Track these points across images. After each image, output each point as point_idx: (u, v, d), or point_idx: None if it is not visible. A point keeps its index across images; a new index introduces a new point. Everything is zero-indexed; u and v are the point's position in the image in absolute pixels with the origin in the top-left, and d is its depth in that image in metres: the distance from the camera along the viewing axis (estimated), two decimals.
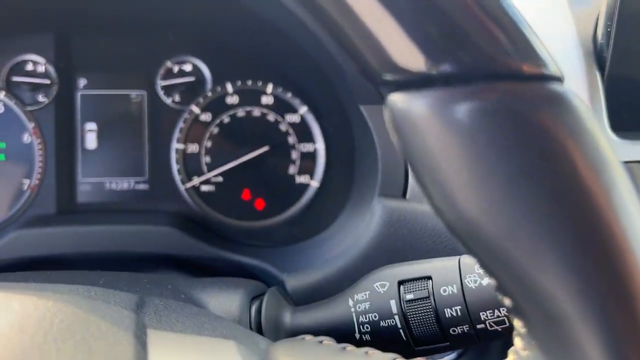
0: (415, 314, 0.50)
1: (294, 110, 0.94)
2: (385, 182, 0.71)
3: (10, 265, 0.79)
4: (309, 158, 0.94)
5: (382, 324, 0.51)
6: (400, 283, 0.50)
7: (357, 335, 0.52)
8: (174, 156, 0.92)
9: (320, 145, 0.93)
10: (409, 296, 0.50)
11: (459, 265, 0.49)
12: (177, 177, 0.92)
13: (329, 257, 0.73)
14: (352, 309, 0.53)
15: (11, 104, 0.88)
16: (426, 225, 0.67)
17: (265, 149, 0.92)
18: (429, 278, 0.49)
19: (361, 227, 0.72)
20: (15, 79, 0.87)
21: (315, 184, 0.93)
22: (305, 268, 0.73)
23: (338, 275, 0.70)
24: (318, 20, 0.29)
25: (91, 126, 0.92)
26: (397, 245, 0.68)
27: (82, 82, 0.92)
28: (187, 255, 0.82)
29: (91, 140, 0.92)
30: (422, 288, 0.50)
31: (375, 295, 0.52)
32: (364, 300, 0.51)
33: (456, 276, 0.48)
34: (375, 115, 0.69)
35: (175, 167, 0.92)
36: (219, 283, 0.58)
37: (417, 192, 0.69)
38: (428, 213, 0.67)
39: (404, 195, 0.70)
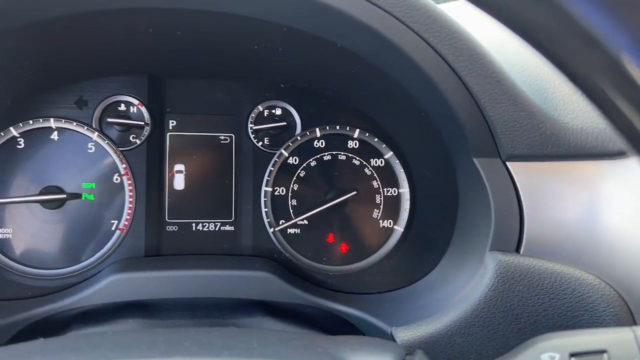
0: None
1: (379, 155, 0.94)
2: (498, 236, 0.71)
3: (108, 309, 0.78)
4: (393, 202, 0.94)
5: None
6: (572, 355, 0.49)
7: None
8: (262, 199, 0.92)
9: (404, 190, 0.94)
10: None
11: (636, 338, 0.48)
12: (265, 220, 0.92)
13: (437, 309, 0.72)
14: None
15: (103, 144, 0.88)
16: (544, 283, 0.67)
17: (353, 193, 0.92)
18: (604, 352, 0.48)
19: (471, 279, 0.72)
20: (110, 120, 0.88)
21: (399, 228, 0.94)
22: (412, 320, 0.72)
23: (451, 329, 0.69)
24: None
25: (179, 167, 0.92)
26: (512, 300, 0.68)
27: (171, 123, 0.92)
28: (283, 302, 0.81)
29: (179, 182, 0.92)
30: None
31: None
32: None
33: (635, 350, 0.47)
34: (490, 169, 0.70)
35: (264, 209, 0.92)
36: (362, 343, 0.58)
37: (532, 247, 0.69)
38: (545, 269, 0.67)
39: (517, 250, 0.70)
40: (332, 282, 0.89)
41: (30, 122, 0.86)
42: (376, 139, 0.94)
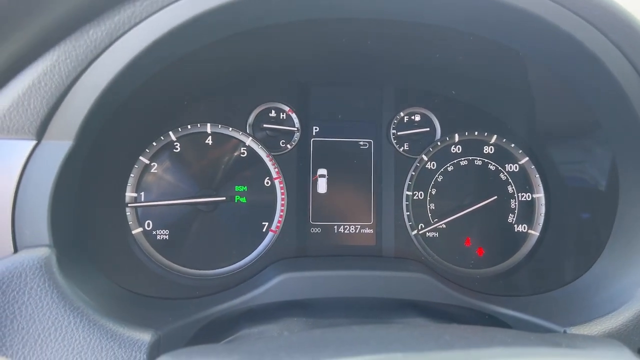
0: None
1: (514, 161, 0.97)
2: None
3: (270, 308, 0.81)
4: (528, 207, 0.96)
5: None
6: None
7: None
8: (404, 203, 0.94)
9: (540, 195, 0.96)
10: None
11: None
12: (407, 223, 0.94)
13: (609, 308, 0.74)
14: None
15: (257, 148, 0.91)
16: None
17: (494, 198, 0.94)
18: None
19: (637, 279, 0.74)
20: (265, 125, 0.91)
21: (534, 232, 0.96)
22: (584, 320, 0.74)
23: (628, 327, 0.71)
24: None
25: (322, 172, 0.95)
26: None
27: (315, 129, 0.95)
28: (439, 302, 0.83)
29: (322, 186, 0.95)
30: None
31: None
32: None
33: None
34: None
35: (405, 213, 0.94)
36: (588, 340, 0.59)
37: None
38: None
39: None
40: (480, 285, 0.91)
41: (188, 127, 0.89)
42: (512, 145, 0.96)
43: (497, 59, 0.82)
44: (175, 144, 0.89)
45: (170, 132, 0.89)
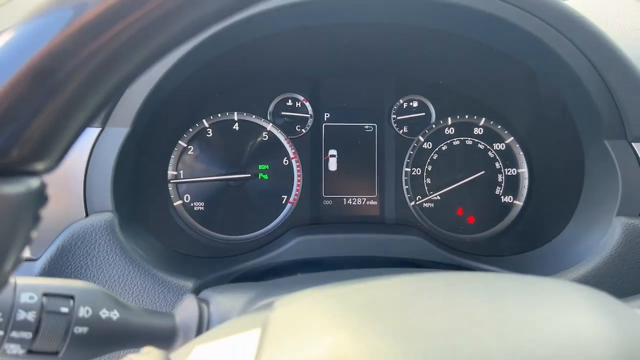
0: None
1: (501, 140, 1.11)
2: (624, 204, 0.86)
3: (290, 265, 0.97)
4: (513, 181, 1.10)
5: None
6: None
7: None
8: (404, 178, 1.09)
9: (524, 170, 1.10)
10: None
11: None
12: (406, 195, 1.09)
13: (571, 264, 0.88)
14: None
15: (277, 133, 1.07)
16: None
17: (481, 173, 1.09)
18: None
19: (598, 240, 0.88)
20: (284, 113, 1.07)
21: (519, 203, 1.10)
22: (555, 272, 0.88)
23: (586, 279, 0.85)
24: None
25: (333, 152, 1.10)
26: (636, 257, 0.84)
27: (326, 115, 1.11)
28: (432, 261, 0.98)
29: (332, 164, 1.10)
30: None
31: None
32: None
33: None
34: (618, 149, 0.85)
35: (405, 186, 1.09)
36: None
37: None
38: None
39: None
40: (469, 247, 1.05)
41: (219, 115, 1.06)
42: (499, 126, 1.10)
43: (479, 54, 0.97)
44: (207, 130, 1.06)
45: (204, 120, 1.05)
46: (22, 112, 0.32)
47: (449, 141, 1.11)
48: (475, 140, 1.11)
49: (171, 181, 1.04)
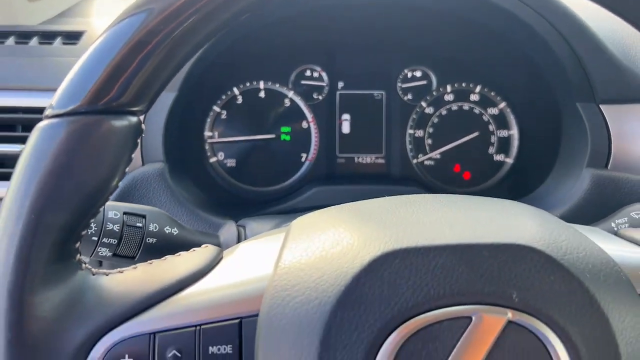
0: None
1: (494, 105, 1.26)
2: (592, 158, 1.01)
3: (312, 210, 1.15)
4: (505, 142, 1.26)
5: None
6: None
7: None
8: (407, 139, 1.26)
9: (514, 132, 1.25)
10: None
11: None
12: (410, 154, 1.26)
13: (549, 209, 1.04)
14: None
15: (297, 99, 1.24)
16: (624, 186, 0.97)
17: (475, 134, 1.24)
18: None
19: (571, 189, 1.03)
20: (303, 82, 1.23)
21: (510, 160, 1.25)
22: None
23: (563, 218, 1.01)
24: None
25: (346, 117, 1.27)
26: (602, 201, 0.99)
27: (340, 84, 1.27)
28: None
29: (346, 127, 1.27)
30: None
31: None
32: (623, 223, 0.82)
33: None
34: (588, 111, 1.00)
35: (408, 146, 1.26)
36: None
37: (617, 163, 0.99)
38: (624, 178, 0.98)
39: (606, 165, 1.01)
40: None
41: (247, 84, 1.23)
42: (492, 93, 1.25)
43: (472, 29, 1.12)
44: (237, 96, 1.23)
45: (234, 88, 1.23)
46: (129, 70, 0.50)
47: (448, 106, 1.26)
48: (472, 105, 1.26)
49: (207, 141, 1.22)
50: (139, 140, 0.53)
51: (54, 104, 0.48)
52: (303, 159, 1.25)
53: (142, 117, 0.50)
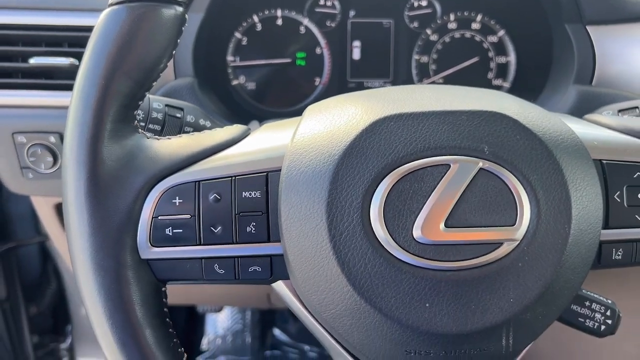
0: None
1: (494, 33, 1.35)
2: (579, 74, 1.12)
3: None
4: (503, 67, 1.36)
5: None
6: (620, 111, 0.93)
7: None
8: (413, 64, 1.37)
9: (511, 58, 1.35)
10: None
11: None
12: (415, 79, 1.37)
13: None
14: None
15: (312, 26, 1.35)
16: (605, 99, 1.09)
17: (475, 59, 1.35)
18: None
19: (559, 102, 1.15)
20: (317, 10, 1.34)
21: (507, 84, 1.36)
22: None
23: None
24: None
25: (356, 43, 1.37)
26: (585, 112, 1.10)
27: (351, 13, 1.37)
28: None
29: (356, 53, 1.38)
30: None
31: None
32: None
33: None
34: (576, 32, 1.10)
35: (414, 71, 1.37)
36: None
37: (601, 79, 1.11)
38: (606, 92, 1.09)
39: (590, 82, 1.12)
40: None
41: (266, 12, 1.34)
42: (492, 21, 1.35)
43: None
44: (257, 24, 1.34)
45: (254, 15, 1.33)
46: None
47: (451, 34, 1.36)
48: (473, 33, 1.36)
49: (230, 65, 1.34)
50: (183, 28, 0.65)
51: None
52: (317, 83, 1.37)
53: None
